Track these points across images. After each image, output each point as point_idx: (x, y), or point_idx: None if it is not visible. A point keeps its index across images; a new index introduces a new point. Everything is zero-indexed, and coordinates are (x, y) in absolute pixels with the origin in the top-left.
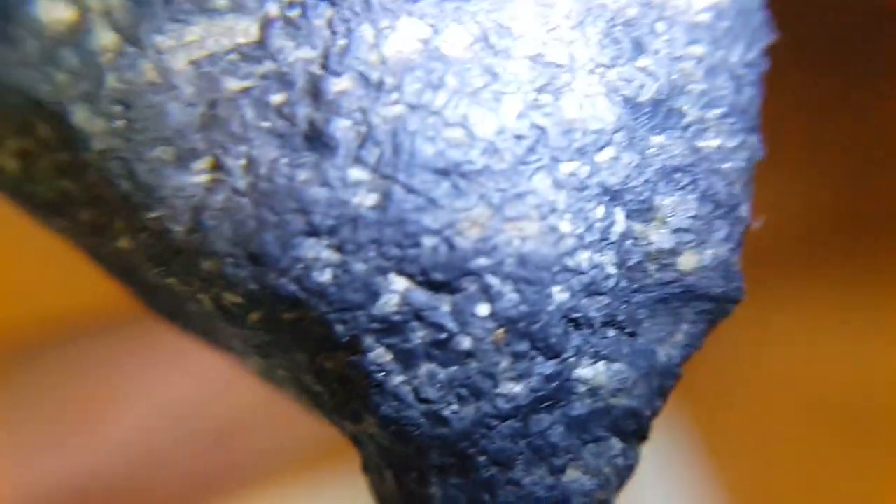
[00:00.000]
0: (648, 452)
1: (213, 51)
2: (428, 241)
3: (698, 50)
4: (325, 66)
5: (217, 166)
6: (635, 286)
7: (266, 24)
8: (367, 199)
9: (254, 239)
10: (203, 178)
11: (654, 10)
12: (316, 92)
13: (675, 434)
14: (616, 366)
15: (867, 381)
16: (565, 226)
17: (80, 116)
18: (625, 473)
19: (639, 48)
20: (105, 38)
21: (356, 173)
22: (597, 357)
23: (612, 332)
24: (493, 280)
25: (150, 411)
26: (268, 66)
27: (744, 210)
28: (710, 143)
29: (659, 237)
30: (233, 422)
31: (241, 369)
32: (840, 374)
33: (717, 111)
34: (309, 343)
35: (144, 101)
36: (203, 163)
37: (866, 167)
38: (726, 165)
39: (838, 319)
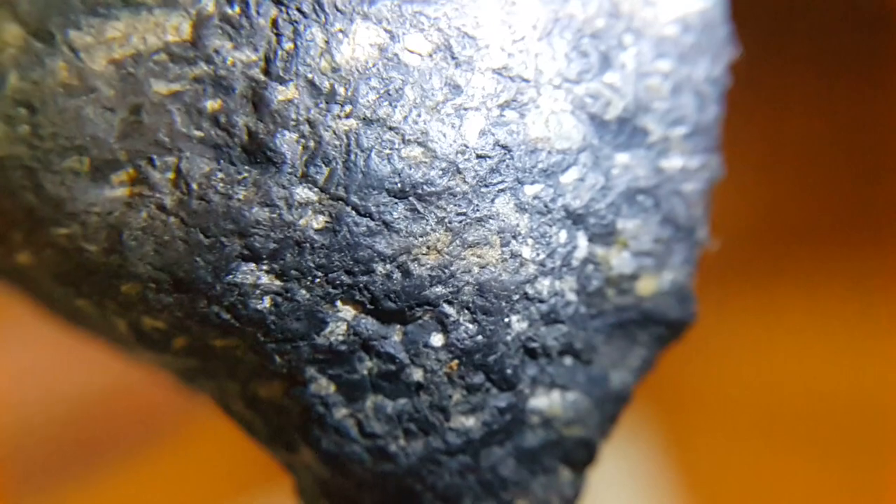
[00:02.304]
0: (614, 458)
1: (139, 49)
2: (381, 268)
3: (665, 65)
4: (267, 72)
5: (140, 179)
6: (594, 312)
7: (200, 21)
8: (314, 222)
9: (182, 263)
10: (123, 192)
11: (622, 22)
12: (257, 99)
13: (642, 441)
14: (570, 395)
15: (833, 386)
16: (527, 252)
17: None
18: (572, 502)
19: (606, 62)
20: (6, 32)
21: (303, 193)
22: (552, 386)
23: (568, 361)
24: (449, 309)
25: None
26: (202, 68)
27: (702, 233)
28: (674, 163)
29: (620, 261)
30: (98, 397)
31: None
32: (805, 380)
33: (681, 130)
34: (241, 371)
35: (55, 104)
36: (123, 175)
37: (840, 172)
38: (688, 187)
39: (805, 325)
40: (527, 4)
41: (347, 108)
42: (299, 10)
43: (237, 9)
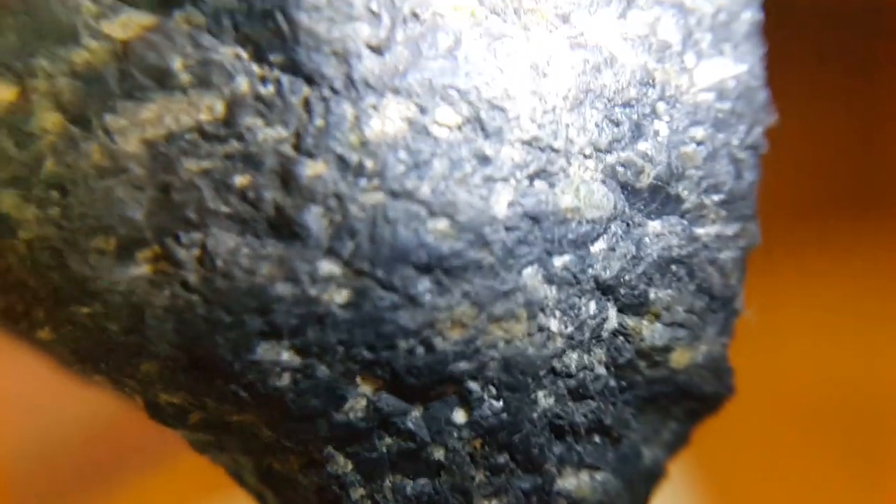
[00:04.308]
0: None
1: (172, 129)
2: (404, 343)
3: (699, 132)
4: (298, 148)
5: (164, 256)
6: (624, 385)
7: (235, 100)
8: (337, 296)
9: (202, 341)
10: (146, 270)
11: (655, 90)
12: (286, 175)
13: None
14: (600, 475)
15: (842, 369)
16: (555, 324)
17: (8, 203)
18: None
19: (639, 131)
20: (47, 120)
21: (327, 267)
22: (580, 466)
23: (597, 438)
24: (473, 385)
25: None
26: (233, 145)
27: (738, 302)
28: (709, 230)
29: (651, 333)
30: (99, 424)
31: None
32: (816, 363)
33: (716, 197)
34: (256, 446)
35: (87, 186)
36: (148, 252)
37: (845, 153)
38: (723, 255)
39: (816, 308)
40: (558, 75)
41: (375, 182)
42: (331, 87)
43: (271, 88)
